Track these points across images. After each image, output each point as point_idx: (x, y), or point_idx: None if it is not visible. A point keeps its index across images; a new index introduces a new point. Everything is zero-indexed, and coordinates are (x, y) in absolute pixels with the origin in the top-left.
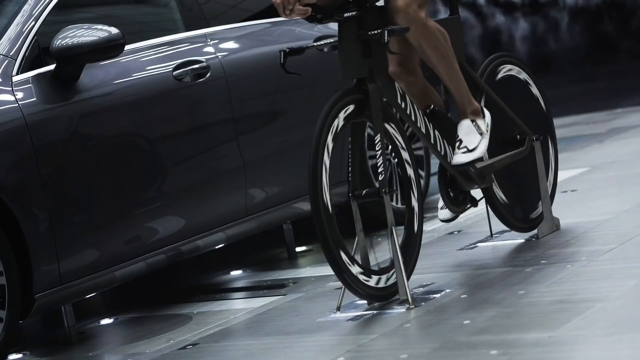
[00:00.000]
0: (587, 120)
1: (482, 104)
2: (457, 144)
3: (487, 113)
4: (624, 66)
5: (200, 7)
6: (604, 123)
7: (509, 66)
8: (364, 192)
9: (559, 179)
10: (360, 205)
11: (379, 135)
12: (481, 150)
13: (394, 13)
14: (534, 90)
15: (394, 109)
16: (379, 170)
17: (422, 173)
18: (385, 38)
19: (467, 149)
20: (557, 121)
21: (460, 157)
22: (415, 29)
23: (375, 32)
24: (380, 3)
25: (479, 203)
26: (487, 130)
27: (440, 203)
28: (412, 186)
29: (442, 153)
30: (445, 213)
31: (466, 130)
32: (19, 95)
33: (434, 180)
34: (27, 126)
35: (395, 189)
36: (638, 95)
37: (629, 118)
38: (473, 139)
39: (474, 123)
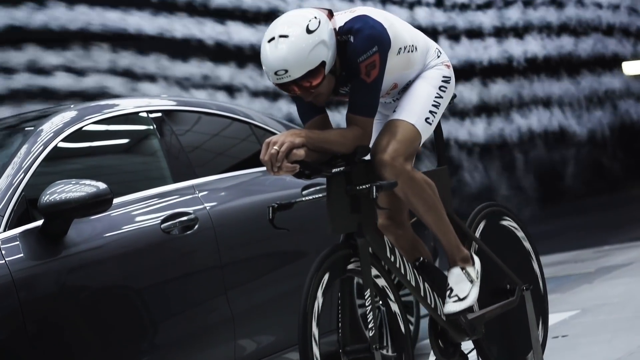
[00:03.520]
0: (575, 259)
1: (472, 253)
2: (448, 292)
3: (476, 260)
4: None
5: (187, 156)
6: (592, 261)
7: (498, 216)
8: (355, 348)
9: (549, 322)
10: None
11: (368, 290)
12: (472, 298)
13: (381, 166)
14: (523, 239)
15: (383, 263)
16: (369, 326)
17: (412, 319)
18: (374, 194)
19: (458, 298)
20: (544, 259)
21: (451, 307)
22: (403, 182)
23: (364, 187)
24: (368, 157)
25: (471, 354)
26: (477, 278)
27: (432, 358)
28: (403, 339)
29: (432, 306)
30: None
31: (456, 278)
32: (6, 252)
33: (423, 324)
34: (14, 283)
35: (385, 343)
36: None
37: (617, 256)
38: (464, 287)
39: (464, 271)
